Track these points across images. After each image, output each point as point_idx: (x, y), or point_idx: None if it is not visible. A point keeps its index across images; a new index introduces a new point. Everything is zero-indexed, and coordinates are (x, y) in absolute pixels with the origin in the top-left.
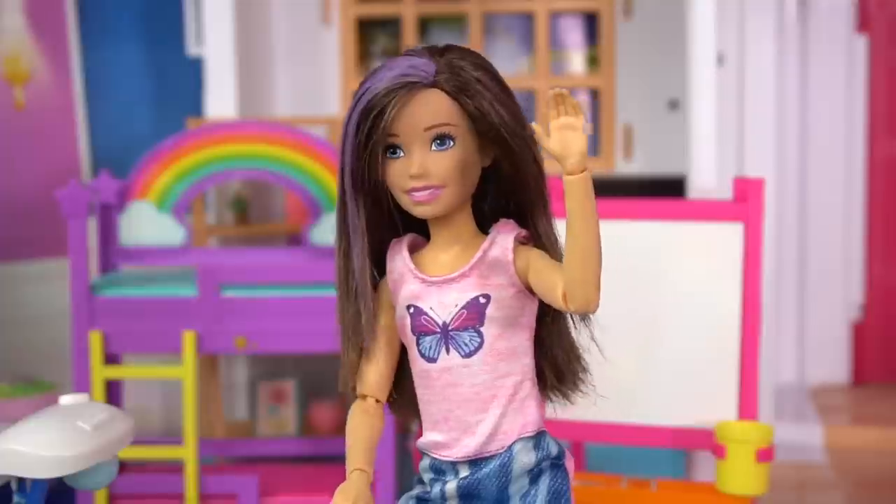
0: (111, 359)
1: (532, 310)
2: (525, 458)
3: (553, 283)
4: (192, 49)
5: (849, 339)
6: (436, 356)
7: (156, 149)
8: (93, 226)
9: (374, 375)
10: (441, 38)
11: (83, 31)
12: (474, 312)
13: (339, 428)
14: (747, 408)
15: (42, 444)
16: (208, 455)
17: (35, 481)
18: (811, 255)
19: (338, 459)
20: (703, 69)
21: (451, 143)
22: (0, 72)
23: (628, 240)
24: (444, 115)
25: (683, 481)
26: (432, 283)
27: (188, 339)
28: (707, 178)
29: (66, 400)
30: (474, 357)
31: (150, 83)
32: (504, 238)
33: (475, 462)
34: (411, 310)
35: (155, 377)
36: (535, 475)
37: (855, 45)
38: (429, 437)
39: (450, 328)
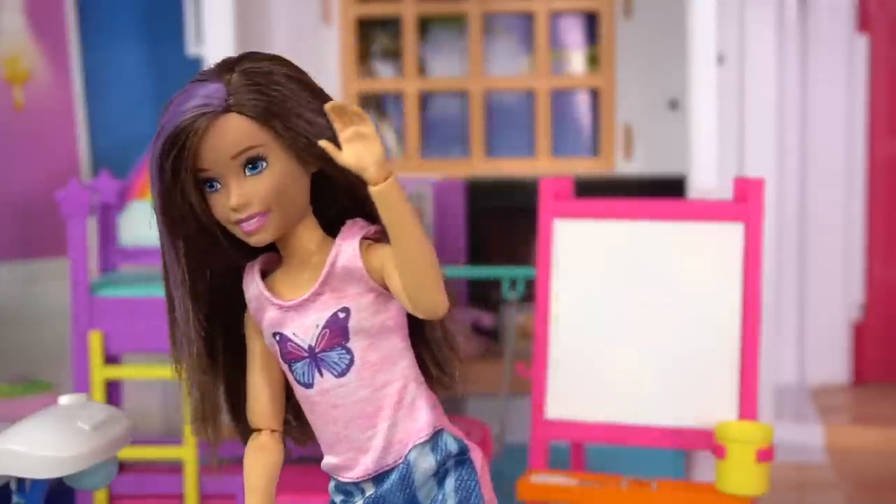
0: (111, 359)
1: (400, 309)
2: (424, 463)
3: (400, 288)
4: (192, 49)
5: (849, 338)
6: (311, 381)
7: None
8: (93, 226)
9: (261, 406)
10: (441, 38)
11: (83, 31)
12: (336, 329)
13: None
14: (747, 408)
15: (42, 445)
16: (208, 455)
17: (34, 481)
18: (811, 255)
19: None
20: (703, 69)
21: (264, 165)
22: (0, 72)
23: (628, 240)
24: (246, 138)
25: (683, 481)
26: (289, 307)
27: None
28: (707, 178)
29: (65, 400)
30: (348, 375)
31: (150, 83)
32: (348, 244)
33: (378, 478)
34: (277, 337)
35: (155, 377)
36: (440, 477)
37: (855, 45)
38: (328, 460)
39: (317, 351)
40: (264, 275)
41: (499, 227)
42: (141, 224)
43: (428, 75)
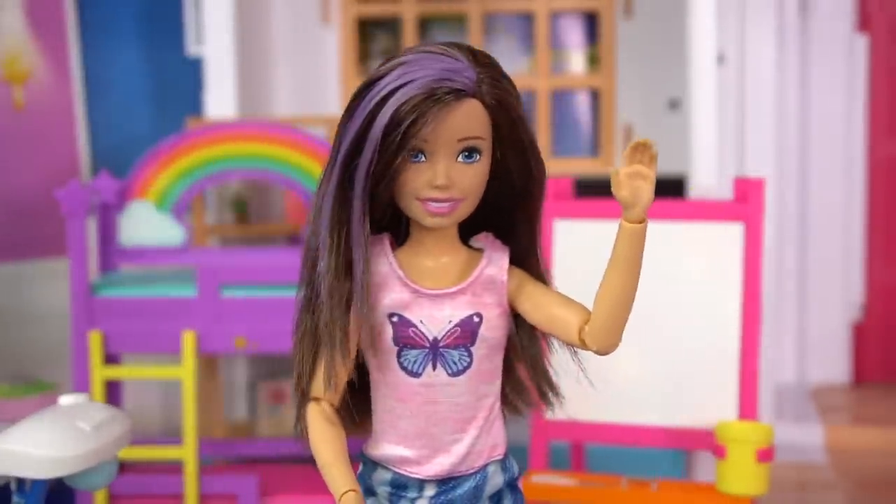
0: (111, 359)
1: (508, 331)
2: (496, 479)
3: (565, 320)
4: (192, 49)
5: (849, 339)
6: (420, 371)
7: (155, 149)
8: (93, 226)
9: (339, 381)
10: (441, 38)
11: (83, 31)
12: (467, 331)
13: None
14: (747, 408)
15: (42, 445)
16: (208, 455)
17: (35, 481)
18: (811, 255)
19: None
20: (703, 69)
21: (478, 157)
22: (0, 72)
23: None
24: (480, 128)
25: (683, 481)
26: (424, 294)
27: (188, 339)
28: (707, 178)
29: (65, 400)
30: (461, 377)
31: (150, 83)
32: (499, 257)
33: (445, 481)
34: (395, 318)
35: (155, 377)
36: (496, 498)
37: (855, 45)
38: (393, 450)
39: (440, 344)
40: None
41: None
42: (140, 224)
43: None
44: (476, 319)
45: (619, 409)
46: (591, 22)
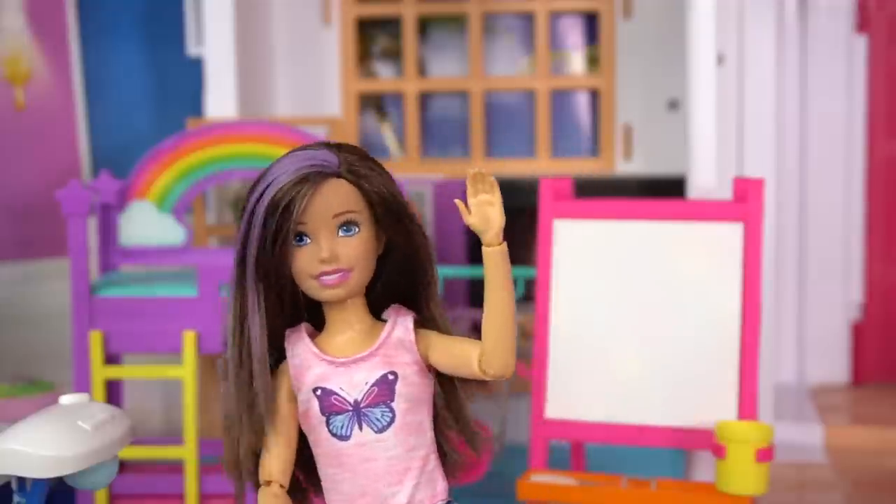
0: (111, 359)
1: (430, 388)
2: None
3: (466, 353)
4: (192, 49)
5: (848, 338)
6: (349, 433)
7: (156, 149)
8: (93, 226)
9: (278, 462)
10: (441, 38)
11: (83, 31)
12: (385, 389)
13: None
14: (747, 408)
15: (42, 444)
16: (208, 455)
17: (35, 481)
18: (811, 255)
19: None
20: (703, 69)
21: (356, 230)
22: (0, 72)
23: (628, 240)
24: (350, 202)
25: (683, 481)
26: (340, 363)
27: (188, 339)
28: (707, 178)
29: (66, 400)
30: (387, 432)
31: (150, 83)
32: (404, 319)
33: None
34: (318, 392)
35: (155, 377)
36: None
37: (855, 45)
38: None
39: (361, 405)
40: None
41: None
42: (141, 224)
43: (428, 75)
44: (391, 377)
45: (618, 409)
46: (591, 22)
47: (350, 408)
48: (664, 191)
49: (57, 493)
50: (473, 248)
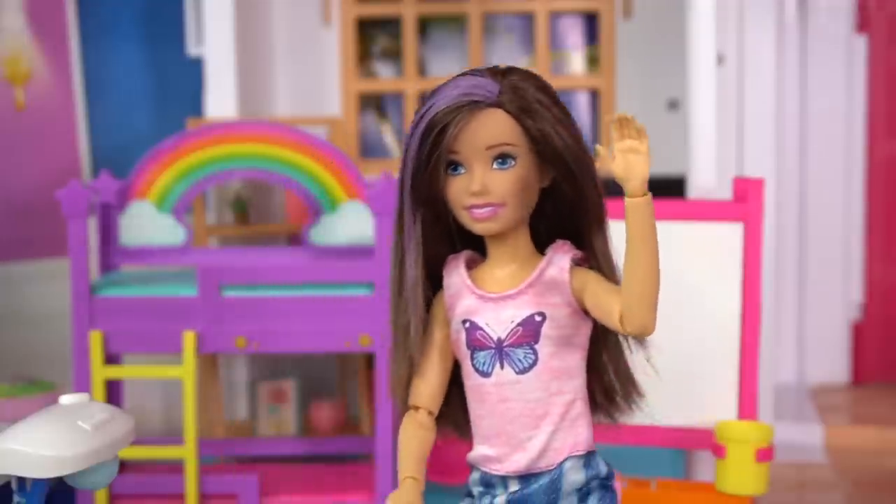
0: (111, 359)
1: (586, 331)
2: (574, 476)
3: (610, 306)
4: (192, 49)
5: (848, 338)
6: (489, 371)
7: (156, 149)
8: (93, 226)
9: (428, 388)
10: (441, 38)
11: (83, 31)
12: (530, 330)
13: (339, 428)
14: (747, 407)
15: (42, 444)
16: (208, 455)
17: (35, 481)
18: (811, 255)
19: (338, 459)
20: (703, 69)
21: (512, 163)
22: (0, 72)
23: None
24: (505, 135)
25: (683, 481)
26: (489, 298)
27: (188, 339)
28: (707, 178)
29: (66, 400)
30: (528, 374)
31: (150, 83)
32: (560, 258)
33: (525, 477)
34: (467, 324)
35: (155, 377)
36: (583, 494)
37: (855, 45)
38: (479, 450)
39: (504, 344)
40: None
41: None
42: (141, 224)
43: (428, 75)
44: (538, 318)
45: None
46: (591, 22)
47: (493, 345)
48: (664, 191)
49: (57, 493)
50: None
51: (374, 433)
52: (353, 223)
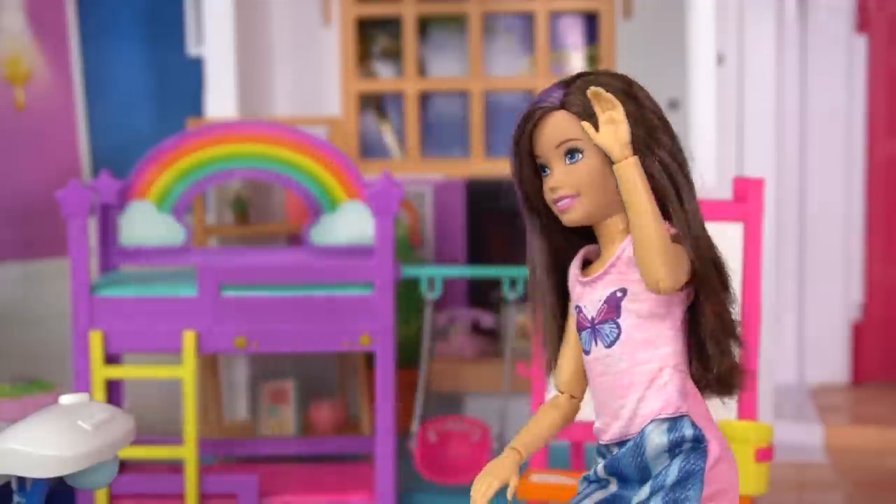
0: (111, 359)
1: (671, 302)
2: (657, 438)
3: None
4: (192, 49)
5: (848, 338)
6: (589, 349)
7: (156, 149)
8: (93, 226)
9: (566, 373)
10: (441, 38)
11: (83, 31)
12: (612, 306)
13: (339, 428)
14: (747, 407)
15: (42, 444)
16: (208, 455)
17: (35, 481)
18: (811, 255)
19: (338, 459)
20: (703, 69)
21: (580, 156)
22: (1, 72)
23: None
24: (568, 131)
25: None
26: (585, 283)
27: (188, 339)
28: (707, 178)
29: (66, 400)
30: (614, 347)
31: (150, 83)
32: None
33: (621, 444)
34: (576, 309)
35: (155, 377)
36: (674, 455)
37: (855, 46)
38: (596, 423)
39: (596, 322)
40: (591, 261)
41: (499, 227)
42: (141, 224)
43: (428, 75)
44: (619, 294)
45: None
46: (591, 22)
47: (589, 324)
48: None
49: (57, 492)
50: (473, 248)
51: (374, 433)
52: (352, 223)
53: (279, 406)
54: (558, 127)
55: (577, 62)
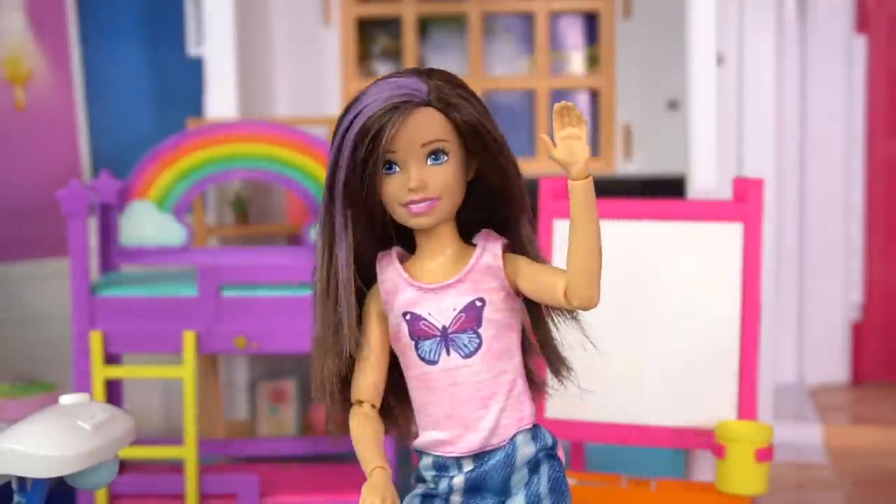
0: (111, 359)
1: (518, 313)
2: (526, 449)
3: (551, 283)
4: (192, 49)
5: (848, 338)
6: (436, 358)
7: (156, 149)
8: (93, 226)
9: (369, 382)
10: (441, 38)
11: (83, 31)
12: (472, 315)
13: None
14: (747, 407)
15: (42, 444)
16: (208, 455)
17: (35, 481)
18: (810, 255)
19: (338, 459)
20: (703, 69)
21: (445, 158)
22: (1, 72)
23: (628, 240)
24: (438, 131)
25: (683, 481)
26: (429, 289)
27: (188, 339)
28: (707, 178)
29: (66, 400)
30: (474, 357)
31: (150, 83)
32: (493, 246)
33: (479, 456)
34: (408, 316)
35: (155, 377)
36: (533, 465)
37: (855, 45)
38: (430, 436)
39: (449, 331)
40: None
41: None
42: (141, 224)
43: None
44: (479, 304)
45: (618, 409)
46: (591, 22)
47: (438, 333)
48: (664, 191)
49: (57, 493)
50: None
51: None
52: None
53: (279, 406)
54: (427, 125)
55: (576, 62)
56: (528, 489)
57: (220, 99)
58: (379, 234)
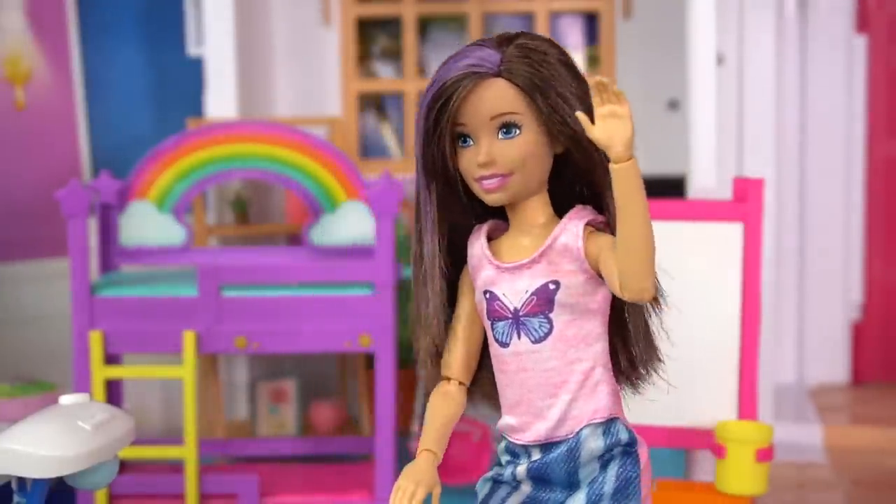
0: (111, 359)
1: (605, 297)
2: (593, 443)
3: (611, 271)
4: (192, 49)
5: (848, 338)
6: (508, 341)
7: (156, 149)
8: (93, 226)
9: (457, 358)
10: (441, 38)
11: (83, 32)
12: (543, 299)
13: (339, 428)
14: (747, 407)
15: (42, 444)
16: (208, 455)
17: (35, 481)
18: (811, 255)
19: (338, 459)
20: (703, 69)
21: (517, 132)
22: (1, 72)
23: None
24: (508, 104)
25: (683, 481)
26: (505, 269)
27: (188, 339)
28: (707, 178)
29: (66, 400)
30: (544, 343)
31: (150, 83)
32: (575, 224)
33: (546, 446)
34: (487, 295)
35: (155, 377)
36: (605, 461)
37: (855, 45)
38: (505, 420)
39: (520, 314)
40: (489, 238)
41: None
42: (141, 224)
43: (428, 75)
44: (552, 287)
45: None
46: (591, 22)
47: (510, 315)
48: (664, 191)
49: (57, 493)
50: None
51: (374, 433)
52: (352, 223)
53: (279, 406)
54: (495, 98)
55: (577, 62)
56: (592, 487)
57: (220, 99)
58: (479, 208)
